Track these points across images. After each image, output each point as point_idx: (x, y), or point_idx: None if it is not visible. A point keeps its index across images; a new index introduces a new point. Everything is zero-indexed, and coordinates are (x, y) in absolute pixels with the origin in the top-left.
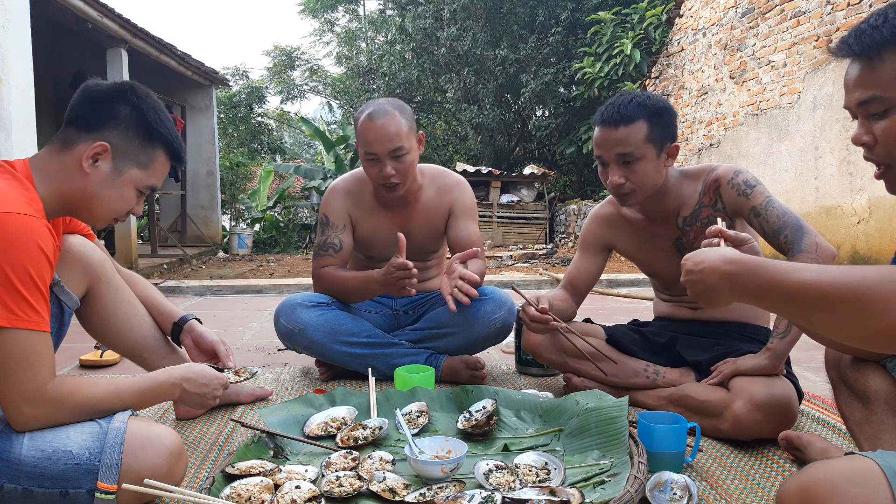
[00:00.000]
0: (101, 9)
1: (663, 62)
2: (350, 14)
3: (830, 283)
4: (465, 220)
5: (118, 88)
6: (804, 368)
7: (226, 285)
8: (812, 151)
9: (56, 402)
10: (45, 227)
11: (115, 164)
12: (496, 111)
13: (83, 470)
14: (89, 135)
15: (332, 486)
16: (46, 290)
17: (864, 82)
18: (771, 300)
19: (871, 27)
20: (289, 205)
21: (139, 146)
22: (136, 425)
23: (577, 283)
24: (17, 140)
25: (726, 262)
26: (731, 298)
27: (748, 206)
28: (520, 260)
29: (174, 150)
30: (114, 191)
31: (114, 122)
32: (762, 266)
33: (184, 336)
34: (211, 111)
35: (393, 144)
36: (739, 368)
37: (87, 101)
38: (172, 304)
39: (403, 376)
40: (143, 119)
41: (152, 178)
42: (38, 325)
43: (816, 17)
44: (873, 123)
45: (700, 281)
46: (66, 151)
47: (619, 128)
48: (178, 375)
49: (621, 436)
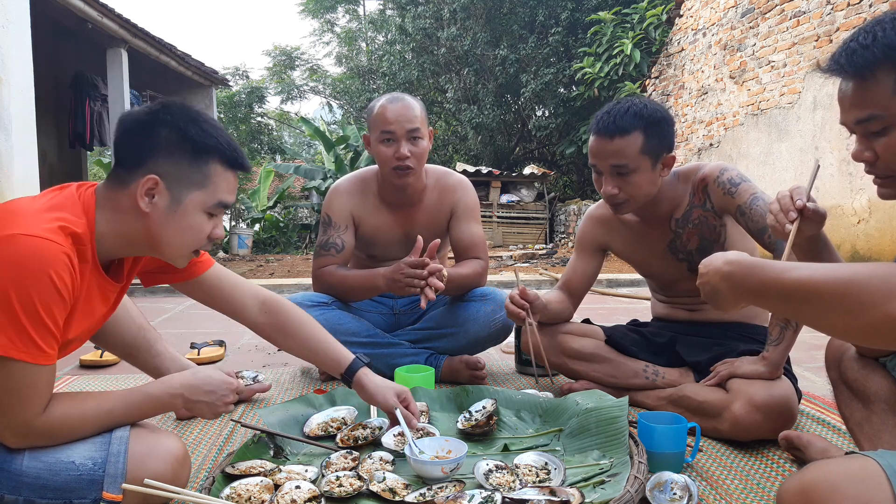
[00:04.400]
0: (101, 9)
1: (663, 62)
2: (350, 14)
3: (822, 279)
4: (468, 221)
5: (151, 112)
6: (804, 368)
7: None
8: (812, 151)
9: (43, 434)
10: (63, 256)
11: (171, 195)
12: (496, 111)
13: (87, 481)
14: (138, 170)
15: (332, 486)
16: (56, 324)
17: (860, 102)
18: (769, 299)
19: (861, 46)
20: (289, 205)
21: (190, 166)
22: (140, 433)
23: (574, 284)
24: (17, 140)
25: (726, 263)
26: (733, 299)
27: (734, 205)
28: (520, 260)
29: (230, 157)
30: (180, 222)
31: (156, 149)
32: (759, 266)
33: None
34: (211, 111)
35: (412, 125)
36: (737, 371)
37: (124, 135)
38: (340, 348)
39: (403, 376)
40: (185, 136)
41: (218, 195)
42: (36, 357)
43: (816, 17)
44: (873, 140)
45: (706, 283)
46: (122, 190)
47: (615, 139)
48: (178, 384)
49: (621, 436)
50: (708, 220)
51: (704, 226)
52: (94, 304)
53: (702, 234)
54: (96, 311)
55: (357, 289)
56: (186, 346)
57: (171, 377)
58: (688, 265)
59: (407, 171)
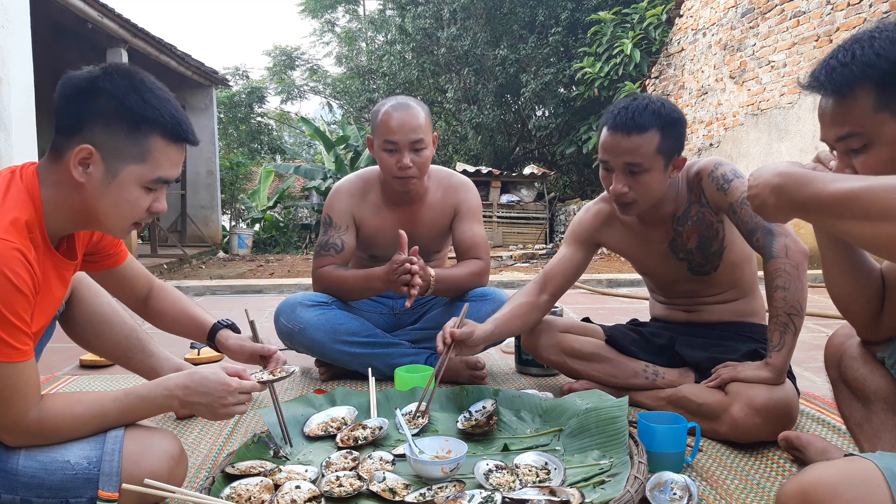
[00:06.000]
0: (101, 9)
1: (663, 62)
2: (350, 14)
3: (868, 186)
4: (470, 222)
5: (91, 79)
6: (804, 368)
7: (226, 285)
8: (812, 151)
9: (36, 433)
10: (16, 254)
11: (107, 166)
12: (496, 111)
13: (82, 479)
14: (73, 139)
15: (332, 486)
16: (23, 321)
17: (839, 119)
18: (816, 213)
19: (840, 64)
20: (289, 205)
21: (127, 138)
22: (135, 432)
23: (555, 277)
24: (17, 140)
25: (777, 175)
26: (782, 213)
27: (726, 203)
28: (520, 260)
29: (173, 130)
30: (115, 196)
31: (93, 118)
32: (808, 177)
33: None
34: (211, 111)
35: (415, 135)
36: (739, 376)
37: (62, 101)
38: (204, 314)
39: (403, 376)
40: (124, 106)
41: (158, 170)
42: (11, 356)
43: (816, 17)
44: (853, 157)
45: (755, 196)
46: (59, 160)
47: (632, 136)
48: (173, 385)
49: (621, 436)
50: (705, 217)
51: (702, 222)
52: (53, 287)
53: (700, 232)
54: (56, 294)
55: (355, 289)
56: (186, 345)
57: (167, 378)
58: (687, 265)
59: (408, 180)
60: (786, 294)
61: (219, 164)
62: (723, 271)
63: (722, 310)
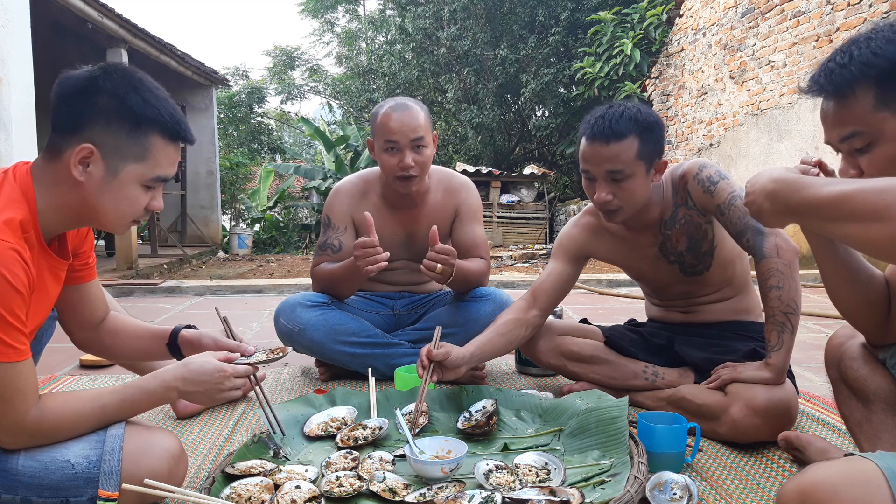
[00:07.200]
0: (101, 9)
1: (663, 62)
2: (350, 14)
3: (859, 189)
4: (471, 223)
5: (90, 78)
6: (804, 368)
7: (226, 285)
8: (812, 151)
9: (36, 433)
10: (12, 254)
11: (107, 165)
12: (496, 111)
13: (82, 479)
14: (72, 138)
15: (332, 486)
16: (20, 320)
17: (842, 120)
18: (811, 217)
19: (838, 66)
20: (289, 205)
21: (128, 137)
22: (135, 430)
23: (546, 291)
24: (17, 140)
25: (772, 180)
26: (778, 219)
27: (713, 205)
28: (520, 260)
29: (171, 130)
30: (115, 194)
31: (94, 117)
32: (801, 183)
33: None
34: (211, 111)
35: (416, 134)
36: (739, 377)
37: (61, 100)
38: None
39: (403, 376)
40: (125, 105)
41: (157, 169)
42: (9, 356)
43: (816, 17)
44: (857, 157)
45: (752, 202)
46: (57, 160)
47: (611, 143)
48: (171, 377)
49: (621, 436)
50: (693, 219)
51: (691, 225)
52: (48, 286)
53: (689, 234)
54: (51, 293)
55: (341, 279)
56: None
57: (164, 370)
58: (679, 267)
59: (410, 179)
60: (781, 293)
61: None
62: (715, 270)
63: (718, 309)
